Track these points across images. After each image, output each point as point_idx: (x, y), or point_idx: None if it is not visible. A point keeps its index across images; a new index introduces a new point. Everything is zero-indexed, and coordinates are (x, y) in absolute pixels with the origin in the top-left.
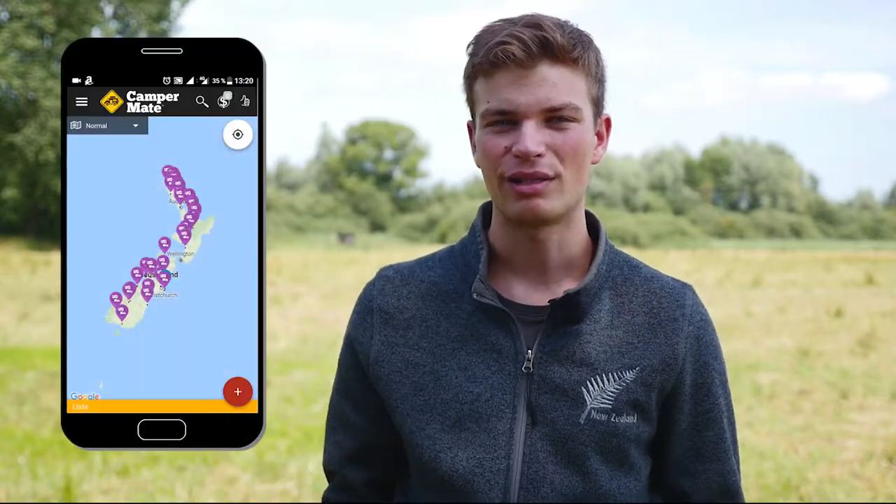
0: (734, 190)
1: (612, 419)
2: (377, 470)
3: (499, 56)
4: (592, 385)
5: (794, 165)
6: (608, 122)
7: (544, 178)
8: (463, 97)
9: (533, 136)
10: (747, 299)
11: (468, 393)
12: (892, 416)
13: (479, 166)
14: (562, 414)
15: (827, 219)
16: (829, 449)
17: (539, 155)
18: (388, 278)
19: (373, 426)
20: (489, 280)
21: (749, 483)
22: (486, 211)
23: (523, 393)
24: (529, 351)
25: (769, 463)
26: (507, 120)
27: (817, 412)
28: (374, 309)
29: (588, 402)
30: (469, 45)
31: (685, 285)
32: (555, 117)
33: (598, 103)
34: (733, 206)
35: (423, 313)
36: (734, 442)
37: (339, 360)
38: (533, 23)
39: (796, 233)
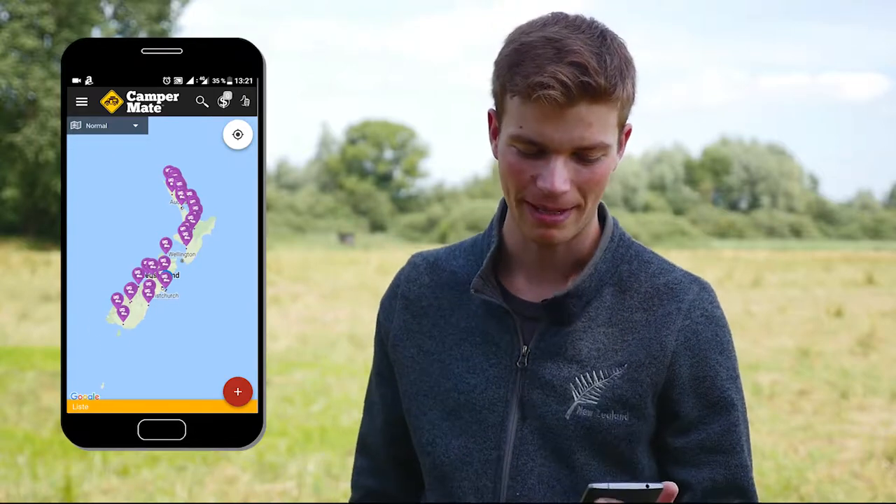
0: (734, 190)
1: (598, 415)
2: (410, 448)
3: (540, 98)
4: (581, 381)
5: (794, 165)
6: (629, 131)
7: (566, 210)
8: (489, 87)
9: (561, 174)
10: (747, 299)
11: (466, 384)
12: (892, 416)
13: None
14: (550, 409)
15: (827, 219)
16: (829, 449)
17: (564, 192)
18: (415, 265)
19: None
20: (498, 272)
21: None
22: (504, 206)
23: (517, 387)
24: (526, 346)
25: (769, 463)
26: (536, 149)
27: (817, 412)
28: (398, 294)
29: (575, 399)
30: (508, 53)
31: (694, 281)
32: (584, 151)
33: (624, 122)
34: (733, 206)
35: (439, 302)
36: (747, 441)
37: (374, 338)
38: (577, 62)
39: (796, 233)
